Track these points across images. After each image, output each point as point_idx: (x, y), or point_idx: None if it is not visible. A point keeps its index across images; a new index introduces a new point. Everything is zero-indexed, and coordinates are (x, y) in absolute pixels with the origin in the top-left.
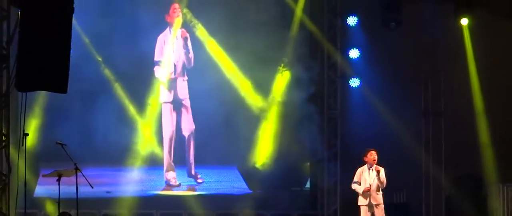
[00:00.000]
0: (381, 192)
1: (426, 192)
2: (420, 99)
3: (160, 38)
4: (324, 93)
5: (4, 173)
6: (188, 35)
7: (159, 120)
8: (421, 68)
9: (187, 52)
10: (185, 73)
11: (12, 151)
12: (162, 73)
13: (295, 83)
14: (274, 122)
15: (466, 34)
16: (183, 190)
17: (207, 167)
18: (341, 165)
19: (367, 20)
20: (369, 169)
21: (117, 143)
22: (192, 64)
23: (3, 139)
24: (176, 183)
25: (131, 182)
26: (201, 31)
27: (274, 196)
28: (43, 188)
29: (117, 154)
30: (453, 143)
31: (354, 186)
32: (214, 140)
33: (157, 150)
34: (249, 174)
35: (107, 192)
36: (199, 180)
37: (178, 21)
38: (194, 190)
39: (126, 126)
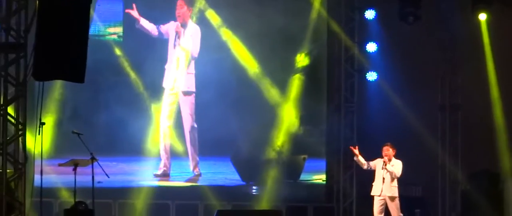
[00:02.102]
0: (396, 184)
1: (442, 186)
2: (437, 93)
3: (167, 30)
4: (341, 86)
5: (21, 162)
6: (193, 28)
7: (176, 110)
8: (438, 62)
9: (190, 46)
10: (191, 66)
11: (29, 140)
12: (168, 65)
13: (311, 76)
14: (287, 113)
15: (484, 29)
16: (181, 181)
17: (204, 158)
18: None
19: (385, 14)
20: (384, 162)
21: (133, 132)
22: (196, 55)
23: (20, 128)
24: (159, 173)
25: (146, 172)
26: (214, 19)
27: (271, 188)
28: (59, 178)
29: (133, 144)
30: (469, 137)
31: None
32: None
33: (174, 141)
34: (243, 165)
35: (99, 182)
36: (196, 172)
37: (183, 15)
38: (196, 181)
39: (143, 116)
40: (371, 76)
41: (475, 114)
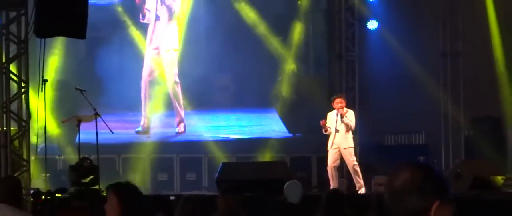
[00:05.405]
0: (351, 135)
1: (445, 133)
2: (438, 40)
3: None
4: (342, 35)
5: (24, 119)
6: None
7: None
8: (439, 9)
9: (172, 2)
10: (171, 22)
11: (32, 97)
12: (146, 19)
13: (312, 25)
14: (292, 64)
15: None
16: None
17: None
18: (359, 108)
19: None
20: (337, 114)
21: (136, 88)
22: (177, 11)
23: (23, 85)
24: (140, 130)
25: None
26: None
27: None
28: (63, 134)
29: (136, 100)
30: (472, 84)
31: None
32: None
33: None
34: (287, 118)
35: (148, 136)
36: (179, 129)
37: None
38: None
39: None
40: (372, 24)
41: (476, 59)
